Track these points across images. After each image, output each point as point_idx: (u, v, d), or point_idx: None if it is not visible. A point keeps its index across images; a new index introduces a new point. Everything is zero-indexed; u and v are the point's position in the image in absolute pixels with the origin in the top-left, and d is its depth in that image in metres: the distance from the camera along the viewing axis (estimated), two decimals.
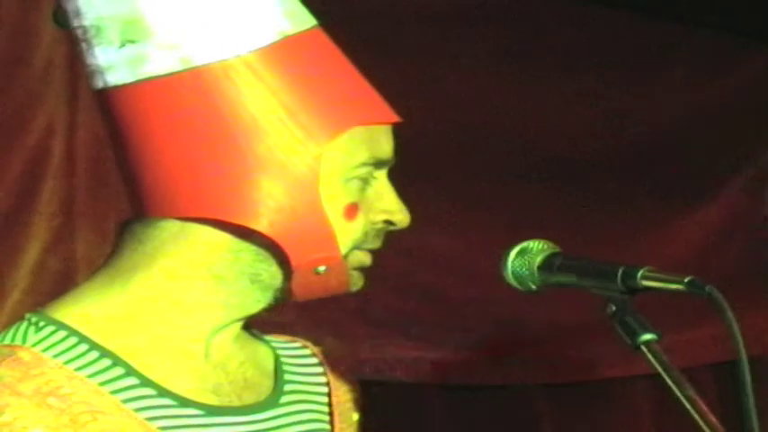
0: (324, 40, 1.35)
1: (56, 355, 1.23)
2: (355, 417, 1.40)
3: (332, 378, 1.39)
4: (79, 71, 2.36)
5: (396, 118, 1.35)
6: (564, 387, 3.39)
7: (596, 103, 3.38)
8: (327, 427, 1.37)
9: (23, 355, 1.23)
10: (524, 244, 1.34)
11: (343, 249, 1.28)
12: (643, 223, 3.44)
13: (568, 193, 3.30)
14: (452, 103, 3.15)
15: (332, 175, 1.27)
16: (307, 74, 1.31)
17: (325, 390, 1.38)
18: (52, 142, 2.64)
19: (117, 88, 1.28)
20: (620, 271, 1.27)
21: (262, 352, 1.37)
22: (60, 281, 2.52)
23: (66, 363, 1.23)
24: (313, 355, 1.40)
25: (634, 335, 1.25)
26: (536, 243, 1.34)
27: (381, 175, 1.31)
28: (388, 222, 1.30)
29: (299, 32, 1.31)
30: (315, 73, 1.31)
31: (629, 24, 3.41)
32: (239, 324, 1.30)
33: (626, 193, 3.41)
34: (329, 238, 1.26)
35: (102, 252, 1.75)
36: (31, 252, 2.57)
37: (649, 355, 1.25)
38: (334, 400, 1.38)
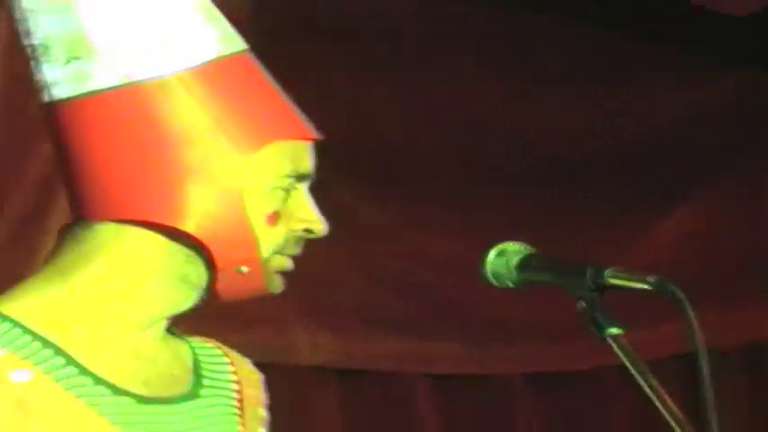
0: (252, 63, 1.46)
1: (2, 345, 1.32)
2: (260, 411, 1.52)
3: (241, 376, 1.50)
4: None
5: (314, 135, 1.45)
6: (545, 376, 3.53)
7: (596, 104, 3.46)
8: (239, 418, 1.49)
9: None
10: (503, 245, 1.44)
11: (266, 253, 1.38)
12: (640, 223, 3.51)
13: (568, 194, 3.38)
14: (451, 105, 3.24)
15: (257, 184, 1.38)
16: (235, 92, 1.42)
17: (236, 387, 1.49)
18: None
19: (61, 102, 1.38)
20: (589, 270, 1.36)
21: (183, 349, 1.46)
22: None
23: (12, 352, 1.31)
24: (225, 355, 1.50)
25: (601, 329, 1.35)
26: (513, 244, 1.44)
27: (302, 188, 1.41)
28: (308, 231, 1.40)
29: (230, 55, 1.42)
30: (242, 91, 1.43)
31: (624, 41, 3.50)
32: (166, 322, 1.39)
33: (625, 193, 3.48)
34: (250, 241, 1.37)
35: None
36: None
37: (615, 347, 1.35)
38: (244, 394, 1.50)
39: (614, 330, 1.36)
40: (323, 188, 1.50)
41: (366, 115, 3.23)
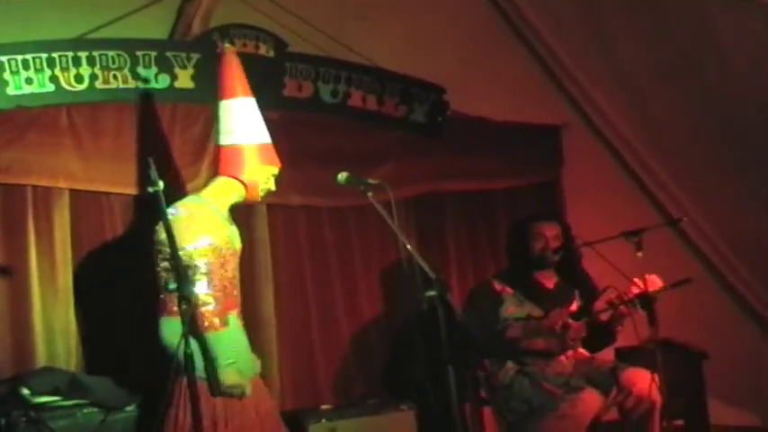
0: (272, 147, 4.60)
1: (195, 203, 4.43)
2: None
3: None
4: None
5: (279, 164, 4.60)
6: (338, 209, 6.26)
7: None
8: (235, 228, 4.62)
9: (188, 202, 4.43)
10: (343, 173, 4.33)
11: (261, 192, 4.57)
12: (370, 168, 6.10)
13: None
14: None
15: (264, 175, 4.57)
16: (266, 153, 4.56)
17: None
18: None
19: (216, 145, 4.61)
20: (361, 179, 4.30)
21: (228, 212, 4.55)
22: None
23: (196, 203, 4.44)
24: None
25: (364, 193, 4.27)
26: (344, 173, 4.35)
27: (272, 177, 4.59)
28: (270, 189, 4.59)
29: (269, 143, 4.61)
30: (266, 153, 4.57)
31: None
32: (230, 204, 4.58)
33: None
34: (257, 190, 4.55)
35: None
36: None
37: (373, 202, 4.23)
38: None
39: (371, 194, 4.23)
40: None
41: None
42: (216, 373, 3.72)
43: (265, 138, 4.61)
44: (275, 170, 4.61)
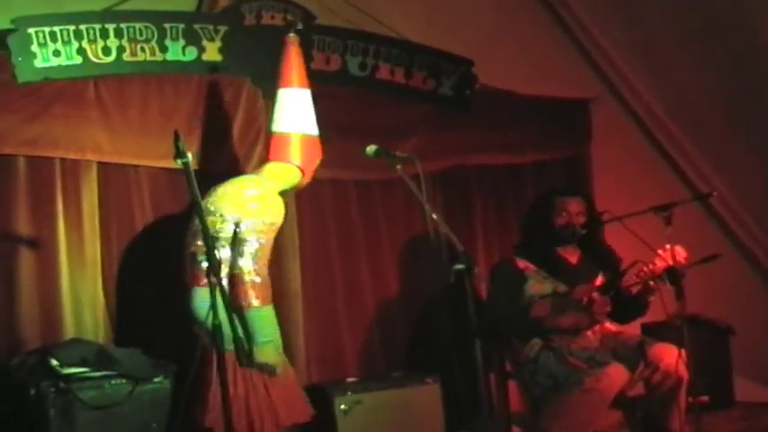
0: (317, 140, 4.90)
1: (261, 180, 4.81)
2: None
3: None
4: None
5: (321, 156, 4.95)
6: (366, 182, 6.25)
7: None
8: None
9: None
10: (371, 146, 4.36)
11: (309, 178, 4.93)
12: (399, 140, 6.00)
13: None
14: None
15: (315, 163, 4.92)
16: (310, 144, 4.87)
17: None
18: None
19: (270, 132, 4.96)
20: (390, 152, 4.37)
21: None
22: None
23: None
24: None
25: (393, 165, 4.33)
26: (373, 146, 4.38)
27: (314, 168, 4.93)
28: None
29: (316, 135, 4.94)
30: (311, 145, 4.89)
31: None
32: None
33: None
34: (311, 173, 4.89)
35: None
36: None
37: (402, 175, 4.31)
38: None
39: (399, 167, 4.27)
40: None
41: None
42: (243, 343, 3.73)
43: (312, 130, 4.76)
44: (317, 162, 4.78)
